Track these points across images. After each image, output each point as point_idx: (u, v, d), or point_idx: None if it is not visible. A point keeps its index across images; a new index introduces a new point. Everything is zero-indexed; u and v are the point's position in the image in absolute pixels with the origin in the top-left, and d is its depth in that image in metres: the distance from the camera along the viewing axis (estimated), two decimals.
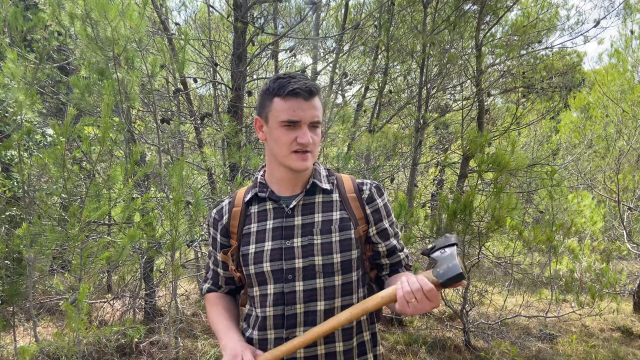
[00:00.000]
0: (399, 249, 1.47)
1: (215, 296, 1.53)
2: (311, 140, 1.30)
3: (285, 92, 1.28)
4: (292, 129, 1.30)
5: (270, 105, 1.32)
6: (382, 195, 1.45)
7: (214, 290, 1.55)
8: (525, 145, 9.13)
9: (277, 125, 1.30)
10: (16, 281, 3.69)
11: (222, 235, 1.47)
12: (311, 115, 1.30)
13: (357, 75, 6.52)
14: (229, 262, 1.46)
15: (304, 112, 1.29)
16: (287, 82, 1.29)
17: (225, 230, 1.46)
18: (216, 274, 1.53)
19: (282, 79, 1.31)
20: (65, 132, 2.62)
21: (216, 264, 1.52)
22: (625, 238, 6.83)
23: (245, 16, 4.38)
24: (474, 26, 5.80)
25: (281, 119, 1.29)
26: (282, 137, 1.30)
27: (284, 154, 1.32)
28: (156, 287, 4.73)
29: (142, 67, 3.37)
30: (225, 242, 1.47)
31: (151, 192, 4.17)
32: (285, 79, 1.31)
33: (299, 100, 1.28)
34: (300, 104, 1.28)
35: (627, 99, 6.80)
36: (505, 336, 5.01)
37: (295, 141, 1.30)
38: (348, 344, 1.36)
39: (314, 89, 1.31)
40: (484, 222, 4.42)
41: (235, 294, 1.57)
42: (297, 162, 1.32)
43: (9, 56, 2.91)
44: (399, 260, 1.47)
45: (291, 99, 1.28)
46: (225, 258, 1.46)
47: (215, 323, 1.44)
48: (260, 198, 1.43)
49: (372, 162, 5.29)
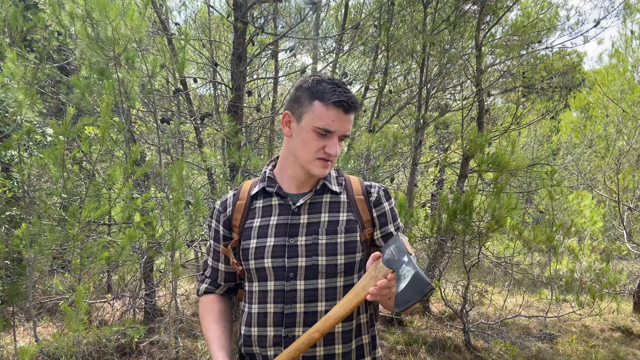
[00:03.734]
0: None
1: (210, 301, 1.50)
2: (338, 151, 1.32)
3: (331, 100, 1.26)
4: (323, 137, 1.30)
5: (309, 106, 1.30)
6: (389, 200, 1.45)
7: (211, 290, 1.52)
8: (525, 145, 9.13)
9: (310, 129, 1.29)
10: (16, 281, 3.69)
11: (224, 227, 1.46)
12: (346, 129, 1.31)
13: (357, 75, 6.52)
14: (229, 255, 1.44)
15: (341, 125, 1.29)
16: (333, 89, 1.28)
17: (227, 223, 1.45)
18: (215, 271, 1.51)
19: (327, 84, 1.29)
20: (64, 132, 2.62)
21: (216, 259, 1.49)
22: (625, 238, 6.83)
23: (245, 16, 4.38)
24: (474, 26, 5.80)
25: (317, 124, 1.28)
26: (311, 142, 1.30)
27: (308, 159, 1.32)
28: (156, 287, 4.73)
29: (142, 67, 3.37)
30: (227, 235, 1.46)
31: (151, 192, 4.17)
32: (331, 85, 1.29)
33: (340, 111, 1.28)
34: (340, 116, 1.28)
35: (627, 99, 6.80)
36: (505, 336, 5.01)
37: (323, 149, 1.30)
38: (347, 346, 1.35)
39: (356, 103, 1.31)
40: (484, 222, 4.42)
41: (232, 293, 1.55)
42: (319, 169, 1.33)
43: (8, 56, 2.91)
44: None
45: (333, 109, 1.27)
46: (226, 251, 1.44)
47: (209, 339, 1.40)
48: (267, 193, 1.42)
49: (372, 162, 5.28)
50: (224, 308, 1.49)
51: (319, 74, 1.34)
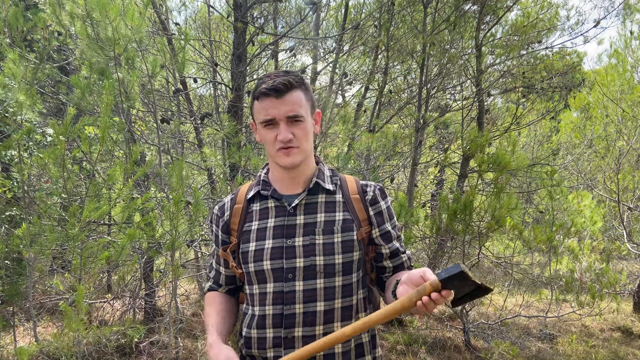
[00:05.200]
0: (402, 251, 1.47)
1: (214, 295, 1.53)
2: (291, 135, 1.31)
3: (259, 92, 1.31)
4: (272, 127, 1.32)
5: (253, 108, 1.37)
6: (385, 198, 1.45)
7: (214, 289, 1.54)
8: (525, 145, 9.12)
9: (260, 127, 1.35)
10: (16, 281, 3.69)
11: (223, 232, 1.47)
12: (285, 110, 1.30)
13: (357, 75, 6.52)
14: (229, 259, 1.45)
15: (277, 110, 1.30)
16: (262, 82, 1.32)
17: (226, 227, 1.46)
18: (218, 273, 1.53)
19: (260, 80, 1.35)
20: (65, 132, 2.62)
21: (218, 262, 1.52)
22: (625, 238, 6.83)
23: (245, 16, 4.38)
24: (474, 26, 5.80)
25: (259, 120, 1.33)
26: (265, 137, 1.34)
27: (272, 153, 1.35)
28: (156, 287, 4.73)
29: (142, 67, 3.37)
30: (226, 239, 1.47)
31: (151, 192, 4.17)
32: (262, 80, 1.33)
33: (270, 99, 1.30)
34: (272, 103, 1.30)
35: (627, 99, 6.80)
36: (505, 336, 5.01)
37: (275, 139, 1.32)
38: (346, 345, 1.36)
39: (285, 85, 1.30)
40: (484, 222, 4.42)
41: (235, 293, 1.57)
42: (283, 158, 1.34)
43: (10, 56, 2.91)
44: (401, 262, 1.46)
45: (264, 99, 1.31)
46: (224, 255, 1.46)
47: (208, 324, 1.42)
48: (262, 196, 1.43)
49: (372, 162, 5.28)
50: (225, 304, 1.50)
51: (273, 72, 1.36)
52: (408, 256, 1.49)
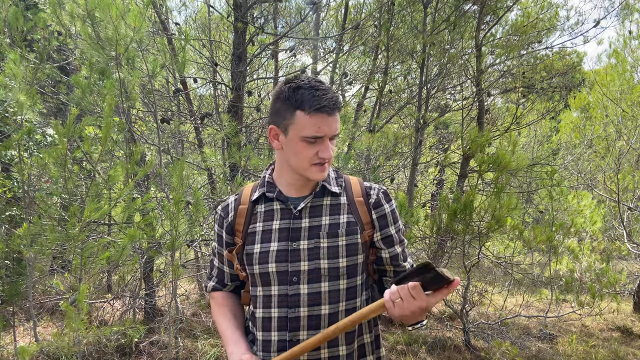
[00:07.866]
0: (403, 259, 1.45)
1: (222, 296, 1.52)
2: (332, 153, 1.30)
3: (312, 108, 1.23)
4: (314, 144, 1.27)
5: (291, 118, 1.26)
6: (389, 202, 1.43)
7: (219, 288, 1.54)
8: (525, 145, 9.13)
9: (299, 140, 1.27)
10: (16, 281, 3.69)
11: (227, 233, 1.45)
12: (334, 129, 1.28)
13: (357, 75, 6.53)
14: (234, 261, 1.45)
15: (328, 128, 1.26)
16: (312, 95, 1.24)
17: (230, 228, 1.44)
18: (221, 272, 1.52)
19: (304, 90, 1.25)
20: (67, 132, 2.62)
21: (222, 262, 1.50)
22: (625, 238, 6.83)
23: (245, 16, 4.38)
24: (474, 26, 5.80)
25: (305, 134, 1.25)
26: (303, 152, 1.28)
27: (304, 167, 1.31)
28: (156, 287, 4.73)
29: (142, 67, 3.37)
30: (230, 240, 1.45)
31: (151, 192, 4.17)
32: (309, 91, 1.24)
33: (323, 115, 1.24)
34: (324, 120, 1.25)
35: (627, 99, 6.81)
36: (505, 336, 5.01)
37: (316, 155, 1.29)
38: (350, 347, 1.36)
39: (338, 102, 1.28)
40: (484, 222, 4.42)
41: (239, 290, 1.56)
42: (317, 174, 1.32)
43: (10, 57, 2.91)
44: (403, 270, 1.45)
45: (316, 115, 1.24)
46: (230, 257, 1.45)
47: (224, 329, 1.42)
48: (267, 198, 1.41)
49: (372, 162, 5.29)
50: (236, 306, 1.51)
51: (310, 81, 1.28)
52: (410, 264, 1.47)
